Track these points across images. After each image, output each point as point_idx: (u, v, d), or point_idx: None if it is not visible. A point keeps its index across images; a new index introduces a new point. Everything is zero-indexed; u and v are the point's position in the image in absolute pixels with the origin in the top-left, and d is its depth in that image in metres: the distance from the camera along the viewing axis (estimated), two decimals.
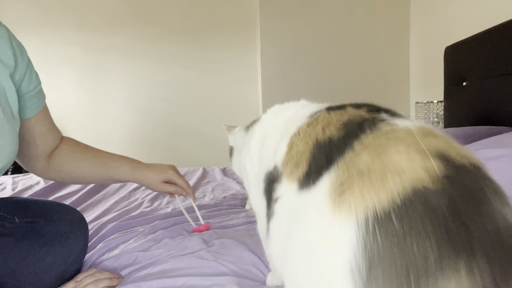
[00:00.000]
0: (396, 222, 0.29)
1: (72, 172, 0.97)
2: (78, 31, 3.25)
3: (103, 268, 0.84)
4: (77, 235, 0.85)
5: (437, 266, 0.27)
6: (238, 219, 1.17)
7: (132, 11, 3.25)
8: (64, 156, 0.95)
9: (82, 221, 0.90)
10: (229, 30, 3.24)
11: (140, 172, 0.98)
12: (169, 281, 0.72)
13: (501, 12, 1.85)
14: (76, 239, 0.84)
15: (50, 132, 0.93)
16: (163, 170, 1.01)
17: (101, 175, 0.98)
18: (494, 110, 1.74)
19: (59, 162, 0.94)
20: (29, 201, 0.89)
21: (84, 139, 1.03)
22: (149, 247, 0.93)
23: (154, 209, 1.41)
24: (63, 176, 0.97)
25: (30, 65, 0.81)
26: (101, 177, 0.98)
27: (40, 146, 0.91)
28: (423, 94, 2.87)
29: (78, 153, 0.97)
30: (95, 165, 0.96)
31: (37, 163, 0.93)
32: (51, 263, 0.77)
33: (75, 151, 0.97)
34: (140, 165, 0.99)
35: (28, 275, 0.73)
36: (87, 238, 0.91)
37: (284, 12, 2.96)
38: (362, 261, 0.30)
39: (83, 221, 0.91)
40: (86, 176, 0.98)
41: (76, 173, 0.97)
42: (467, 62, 1.98)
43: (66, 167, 0.95)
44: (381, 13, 3.00)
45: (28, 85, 0.81)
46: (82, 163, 0.96)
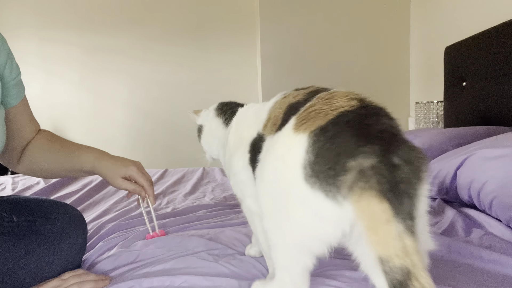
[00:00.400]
0: (330, 129, 0.49)
1: (40, 164, 0.95)
2: (78, 31, 3.25)
3: (103, 267, 0.84)
4: (76, 233, 0.85)
5: (355, 148, 0.46)
6: (238, 219, 1.17)
7: (132, 11, 3.25)
8: (34, 147, 0.94)
9: (80, 220, 0.90)
10: (229, 30, 3.24)
11: (101, 163, 0.93)
12: (169, 279, 0.72)
13: (501, 12, 1.85)
14: (74, 237, 0.84)
15: (29, 124, 0.93)
16: (125, 165, 0.95)
17: (65, 165, 0.94)
18: (494, 110, 1.74)
19: (29, 154, 0.94)
20: (27, 200, 0.89)
21: (84, 139, 1.04)
22: (150, 246, 0.93)
23: (154, 209, 1.41)
24: (33, 168, 0.96)
25: (10, 55, 0.83)
26: (66, 167, 0.95)
27: (17, 138, 0.91)
28: (423, 94, 2.87)
29: (47, 144, 0.95)
30: (60, 155, 0.94)
31: (12, 155, 0.93)
32: (50, 262, 0.77)
33: (45, 143, 0.96)
34: (104, 156, 0.95)
35: (26, 274, 0.73)
36: (86, 236, 0.90)
37: (284, 12, 2.96)
38: (312, 153, 0.49)
39: (82, 219, 0.90)
40: (52, 168, 0.95)
41: (43, 164, 0.95)
42: (467, 62, 1.98)
43: (35, 158, 0.95)
44: (381, 13, 3.00)
45: (10, 74, 0.83)
46: (48, 153, 0.94)
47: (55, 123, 3.36)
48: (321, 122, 0.50)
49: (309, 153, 0.49)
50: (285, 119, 0.58)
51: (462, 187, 1.10)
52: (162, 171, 2.12)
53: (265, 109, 0.68)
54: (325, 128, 0.49)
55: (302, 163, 0.49)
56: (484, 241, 0.88)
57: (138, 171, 0.96)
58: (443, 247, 0.81)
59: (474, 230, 0.95)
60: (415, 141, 1.63)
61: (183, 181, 1.90)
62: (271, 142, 0.58)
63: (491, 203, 0.97)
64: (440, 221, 1.05)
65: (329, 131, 0.49)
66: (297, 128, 0.52)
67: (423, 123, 2.51)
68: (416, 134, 1.81)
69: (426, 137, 1.62)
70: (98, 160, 0.93)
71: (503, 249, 0.81)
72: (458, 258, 0.77)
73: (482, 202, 1.02)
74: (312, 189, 0.48)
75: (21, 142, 0.93)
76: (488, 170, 1.02)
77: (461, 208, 1.13)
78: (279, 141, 0.55)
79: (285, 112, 0.59)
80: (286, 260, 0.57)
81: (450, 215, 1.06)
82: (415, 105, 2.63)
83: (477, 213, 1.04)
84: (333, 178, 0.46)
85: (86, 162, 0.93)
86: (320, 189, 0.47)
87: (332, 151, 0.47)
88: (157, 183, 1.89)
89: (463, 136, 1.49)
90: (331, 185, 0.47)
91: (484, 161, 1.06)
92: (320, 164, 0.48)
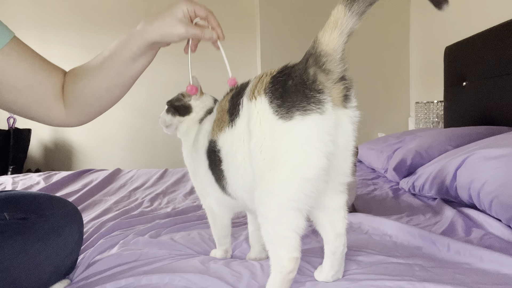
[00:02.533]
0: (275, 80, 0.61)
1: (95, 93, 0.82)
2: (78, 31, 3.25)
3: (104, 266, 0.84)
4: (72, 228, 0.83)
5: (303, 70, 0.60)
6: (238, 219, 1.18)
7: (132, 11, 3.25)
8: (72, 83, 0.82)
9: (76, 214, 0.87)
10: (229, 30, 3.22)
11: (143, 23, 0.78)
12: (168, 276, 0.73)
13: (501, 12, 1.85)
14: (70, 233, 0.82)
15: (44, 67, 0.80)
16: (173, 4, 0.78)
17: (120, 68, 0.79)
18: (494, 110, 1.74)
19: (72, 94, 0.82)
20: (19, 196, 0.85)
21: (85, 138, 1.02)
22: (150, 246, 0.94)
23: (154, 209, 1.41)
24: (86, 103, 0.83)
25: None
26: (122, 71, 0.79)
27: (37, 86, 0.79)
28: (423, 94, 2.87)
29: (85, 72, 0.82)
30: (106, 65, 0.79)
31: (51, 108, 0.82)
32: (46, 258, 0.76)
33: (80, 72, 0.82)
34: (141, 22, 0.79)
35: (22, 271, 0.73)
36: (82, 230, 0.88)
37: (284, 12, 2.96)
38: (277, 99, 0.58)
39: (77, 213, 0.88)
40: (109, 85, 0.81)
41: (96, 91, 0.81)
42: (467, 62, 1.98)
43: (81, 92, 0.81)
44: (381, 13, 3.00)
45: None
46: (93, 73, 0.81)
47: None
48: (263, 86, 0.61)
49: (273, 100, 0.57)
50: (232, 109, 0.66)
51: (462, 187, 1.10)
52: (162, 171, 2.13)
53: (212, 116, 0.77)
54: (272, 82, 0.60)
55: (273, 111, 0.57)
56: (484, 241, 0.88)
57: (190, 2, 0.79)
58: (443, 247, 0.82)
59: (474, 230, 0.95)
60: (415, 141, 1.64)
61: (183, 181, 1.90)
62: (232, 130, 0.66)
63: (491, 203, 0.97)
64: (440, 221, 1.05)
65: (275, 81, 0.60)
66: (251, 97, 0.61)
67: (423, 123, 2.51)
68: (416, 134, 1.81)
69: (426, 137, 1.62)
70: (140, 26, 0.78)
71: (503, 249, 0.81)
72: (458, 258, 0.77)
73: (482, 202, 1.02)
74: (293, 119, 0.56)
75: (47, 88, 0.80)
76: (488, 170, 1.02)
77: (461, 208, 1.13)
78: (245, 116, 0.63)
79: (230, 106, 0.68)
80: (282, 227, 0.60)
81: (450, 215, 1.06)
82: (415, 105, 2.63)
83: (477, 213, 1.04)
84: (309, 90, 0.56)
85: (133, 42, 0.77)
86: (301, 111, 0.55)
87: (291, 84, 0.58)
88: (157, 183, 1.89)
89: (463, 136, 1.49)
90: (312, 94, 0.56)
91: (484, 161, 1.06)
92: (290, 96, 0.56)
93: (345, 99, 0.59)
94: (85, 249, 0.98)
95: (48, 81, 0.80)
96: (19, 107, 0.81)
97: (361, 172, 1.92)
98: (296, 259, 0.60)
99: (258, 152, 0.59)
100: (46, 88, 0.80)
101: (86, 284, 0.77)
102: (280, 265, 0.60)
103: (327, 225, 0.66)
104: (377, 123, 3.04)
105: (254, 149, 0.60)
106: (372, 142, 2.08)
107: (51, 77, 0.81)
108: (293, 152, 0.56)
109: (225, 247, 0.88)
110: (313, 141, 0.55)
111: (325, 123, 0.55)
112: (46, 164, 3.38)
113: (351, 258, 0.78)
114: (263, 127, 0.59)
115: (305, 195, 0.58)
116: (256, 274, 0.74)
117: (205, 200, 0.88)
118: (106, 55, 0.79)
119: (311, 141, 0.55)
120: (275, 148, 0.57)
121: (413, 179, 1.41)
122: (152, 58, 0.83)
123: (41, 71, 0.80)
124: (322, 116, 0.55)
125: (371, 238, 0.94)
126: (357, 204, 1.27)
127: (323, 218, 0.66)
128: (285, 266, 0.60)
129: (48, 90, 0.81)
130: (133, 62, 0.79)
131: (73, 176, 2.01)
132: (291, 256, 0.60)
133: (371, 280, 0.67)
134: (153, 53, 0.82)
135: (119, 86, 0.83)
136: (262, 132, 0.59)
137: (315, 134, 0.55)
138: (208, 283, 0.70)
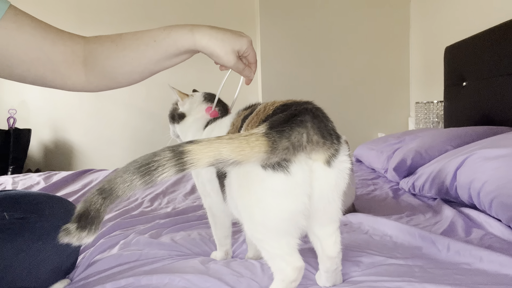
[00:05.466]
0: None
1: (120, 69, 0.80)
2: (78, 31, 3.23)
3: (104, 266, 0.84)
4: None
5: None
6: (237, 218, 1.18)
7: (132, 11, 3.25)
8: (100, 54, 0.79)
9: None
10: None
11: (203, 33, 0.75)
12: (168, 277, 0.73)
13: (501, 12, 1.85)
14: None
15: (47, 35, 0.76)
16: (239, 35, 0.78)
17: (155, 56, 0.78)
18: (494, 110, 1.74)
19: (98, 64, 0.80)
20: (19, 196, 0.85)
21: (85, 138, 1.02)
22: (150, 246, 0.94)
23: (154, 209, 1.41)
24: (111, 77, 0.82)
25: None
26: (156, 58, 0.78)
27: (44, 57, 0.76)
28: (423, 94, 2.87)
29: (114, 45, 0.79)
30: (143, 47, 0.78)
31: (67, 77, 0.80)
32: (46, 258, 0.76)
33: (110, 45, 0.79)
34: (202, 28, 0.77)
35: (22, 271, 0.73)
36: None
37: (284, 12, 2.96)
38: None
39: None
40: (137, 66, 0.80)
41: (125, 68, 0.80)
42: (467, 62, 1.98)
43: (108, 65, 0.79)
44: (381, 13, 3.01)
45: None
46: (125, 52, 0.78)
47: (56, 123, 3.36)
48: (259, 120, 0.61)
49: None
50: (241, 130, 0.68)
51: (462, 187, 1.10)
52: None
53: (225, 126, 0.78)
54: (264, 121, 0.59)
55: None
56: (484, 241, 0.88)
57: (251, 44, 0.81)
58: (443, 247, 0.82)
59: (474, 230, 0.95)
60: (415, 141, 1.64)
61: (183, 181, 1.90)
62: None
63: (491, 203, 0.97)
64: (440, 221, 1.05)
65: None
66: (247, 127, 0.63)
67: (423, 123, 2.51)
68: (416, 134, 1.81)
69: (426, 137, 1.62)
70: (198, 33, 0.75)
71: (503, 249, 0.81)
72: (458, 259, 0.77)
73: (482, 202, 1.02)
74: (266, 171, 0.55)
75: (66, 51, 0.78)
76: (488, 170, 1.02)
77: (461, 208, 1.13)
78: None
79: (240, 126, 0.69)
80: (274, 248, 0.60)
81: (450, 215, 1.06)
82: (415, 105, 2.63)
83: (477, 213, 1.04)
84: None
85: (181, 40, 0.76)
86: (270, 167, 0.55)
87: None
88: (157, 183, 1.89)
89: (463, 136, 1.49)
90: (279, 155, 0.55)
91: (484, 161, 1.06)
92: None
93: (328, 161, 0.57)
94: (85, 249, 0.98)
95: (56, 50, 0.77)
96: (34, 78, 0.79)
97: (361, 172, 1.92)
98: (300, 268, 0.60)
99: (237, 182, 0.61)
100: (55, 58, 0.77)
101: (86, 283, 0.77)
102: (283, 274, 0.60)
103: (319, 248, 0.66)
104: (377, 123, 3.04)
105: (236, 176, 0.62)
106: (372, 142, 2.08)
107: (57, 46, 0.77)
108: (267, 196, 0.57)
109: (225, 248, 0.88)
110: (282, 193, 0.56)
111: (293, 182, 0.55)
112: (46, 164, 3.38)
113: (351, 260, 0.78)
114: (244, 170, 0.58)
115: (284, 228, 0.59)
116: (256, 274, 0.74)
117: (206, 200, 0.89)
118: (150, 43, 0.77)
119: (280, 193, 0.56)
120: (253, 185, 0.58)
121: (413, 179, 1.41)
122: (187, 58, 0.84)
123: (46, 40, 0.76)
124: (287, 177, 0.54)
125: (371, 238, 0.94)
126: (357, 204, 1.27)
127: (315, 240, 0.66)
128: (288, 275, 0.59)
129: (58, 59, 0.78)
130: (173, 58, 0.80)
131: (73, 176, 2.01)
132: (294, 266, 0.59)
133: (371, 282, 0.67)
134: (191, 55, 0.83)
135: (149, 72, 0.83)
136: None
137: (283, 189, 0.56)
138: (208, 284, 0.70)
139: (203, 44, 0.76)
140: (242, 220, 0.65)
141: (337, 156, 0.58)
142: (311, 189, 0.57)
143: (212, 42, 0.76)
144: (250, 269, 0.76)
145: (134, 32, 0.80)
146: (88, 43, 0.81)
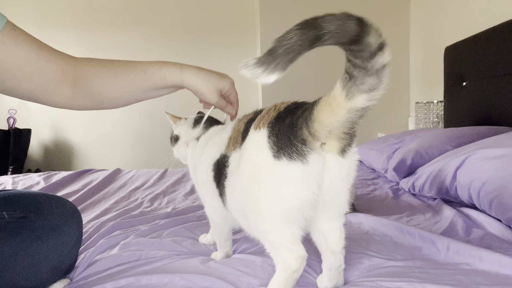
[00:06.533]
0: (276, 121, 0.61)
1: (106, 93, 0.86)
2: (78, 31, 3.25)
3: (104, 266, 0.84)
4: (71, 227, 0.83)
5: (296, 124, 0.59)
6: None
7: (132, 11, 3.25)
8: (90, 77, 0.83)
9: (75, 213, 0.87)
10: (229, 30, 3.24)
11: (190, 72, 0.83)
12: (168, 276, 0.73)
13: (501, 12, 1.85)
14: (69, 232, 0.82)
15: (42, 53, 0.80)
16: (222, 76, 0.86)
17: (143, 85, 0.84)
18: (494, 110, 1.74)
19: (86, 86, 0.83)
20: (18, 195, 0.85)
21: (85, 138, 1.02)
22: (151, 246, 0.94)
23: (154, 209, 1.41)
24: (97, 99, 0.86)
25: None
26: (144, 87, 0.85)
27: (36, 73, 0.79)
28: (423, 94, 2.87)
29: (105, 70, 0.84)
30: (132, 76, 0.84)
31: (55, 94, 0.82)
32: (45, 257, 0.76)
33: (101, 69, 0.84)
34: (190, 68, 0.85)
35: (21, 270, 0.73)
36: (81, 229, 0.88)
37: (284, 12, 2.96)
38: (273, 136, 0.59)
39: (76, 212, 0.88)
40: (124, 93, 0.85)
41: (112, 92, 0.85)
42: (467, 62, 1.98)
43: (96, 88, 0.84)
44: (381, 13, 3.01)
45: None
46: (114, 79, 0.84)
47: (56, 123, 3.36)
48: (269, 119, 0.62)
49: (271, 136, 0.59)
50: (245, 132, 0.69)
51: (462, 187, 1.10)
52: (162, 171, 2.12)
53: (226, 132, 0.79)
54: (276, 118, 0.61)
55: (269, 146, 0.59)
56: (484, 241, 0.88)
57: (233, 85, 0.90)
58: (443, 248, 0.82)
59: (474, 230, 0.95)
60: (415, 141, 1.64)
61: (183, 181, 1.90)
62: (240, 151, 0.68)
63: (491, 203, 0.97)
64: (440, 221, 1.05)
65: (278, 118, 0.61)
66: (256, 126, 0.63)
67: (423, 123, 2.51)
68: (416, 134, 1.81)
69: (426, 137, 1.62)
70: (187, 72, 0.84)
71: (503, 249, 0.81)
72: (458, 259, 0.77)
73: (482, 202, 1.02)
74: (280, 161, 0.58)
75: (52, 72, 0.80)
76: (488, 170, 1.02)
77: (461, 208, 1.13)
78: (249, 142, 0.65)
79: (244, 129, 0.70)
80: (278, 237, 0.62)
81: (450, 215, 1.06)
82: (415, 105, 2.63)
83: (477, 213, 1.04)
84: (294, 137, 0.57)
85: (170, 76, 0.84)
86: (286, 156, 0.57)
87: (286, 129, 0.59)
88: (157, 183, 1.89)
89: (463, 136, 1.49)
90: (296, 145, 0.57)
91: (484, 161, 1.06)
92: (282, 138, 0.58)
93: (343, 150, 0.59)
94: (85, 249, 0.98)
95: (48, 68, 0.80)
96: (23, 93, 0.81)
97: (361, 172, 1.92)
98: (302, 257, 0.61)
99: (245, 175, 0.63)
100: (47, 75, 0.80)
101: (86, 283, 0.77)
102: (286, 264, 0.61)
103: (323, 243, 0.67)
104: (377, 123, 3.04)
105: (243, 171, 0.64)
106: (372, 142, 2.08)
107: (50, 64, 0.80)
108: (279, 185, 0.59)
109: (226, 249, 0.88)
110: (296, 182, 0.58)
111: (308, 171, 0.57)
112: (46, 164, 3.38)
113: (351, 261, 0.78)
114: (258, 156, 0.61)
115: (292, 217, 0.60)
116: (257, 272, 0.74)
117: (205, 206, 0.91)
118: (140, 74, 0.84)
119: (294, 182, 0.58)
120: (263, 176, 0.60)
121: (413, 179, 1.41)
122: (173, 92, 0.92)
123: (40, 58, 0.79)
124: (304, 166, 0.57)
125: (371, 238, 0.94)
126: (357, 204, 1.27)
127: (319, 236, 0.67)
128: (291, 264, 0.60)
129: (49, 76, 0.81)
130: (160, 90, 0.88)
131: (73, 176, 2.01)
132: (296, 254, 0.61)
133: (371, 282, 0.67)
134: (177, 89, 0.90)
135: (134, 100, 0.90)
136: (256, 159, 0.61)
137: (298, 178, 0.58)
138: (209, 283, 0.70)
139: (190, 82, 0.85)
140: (245, 216, 0.65)
141: (351, 146, 0.60)
142: (322, 179, 0.58)
143: (198, 81, 0.85)
144: (250, 267, 0.76)
145: (126, 61, 0.87)
146: (79, 64, 0.85)
